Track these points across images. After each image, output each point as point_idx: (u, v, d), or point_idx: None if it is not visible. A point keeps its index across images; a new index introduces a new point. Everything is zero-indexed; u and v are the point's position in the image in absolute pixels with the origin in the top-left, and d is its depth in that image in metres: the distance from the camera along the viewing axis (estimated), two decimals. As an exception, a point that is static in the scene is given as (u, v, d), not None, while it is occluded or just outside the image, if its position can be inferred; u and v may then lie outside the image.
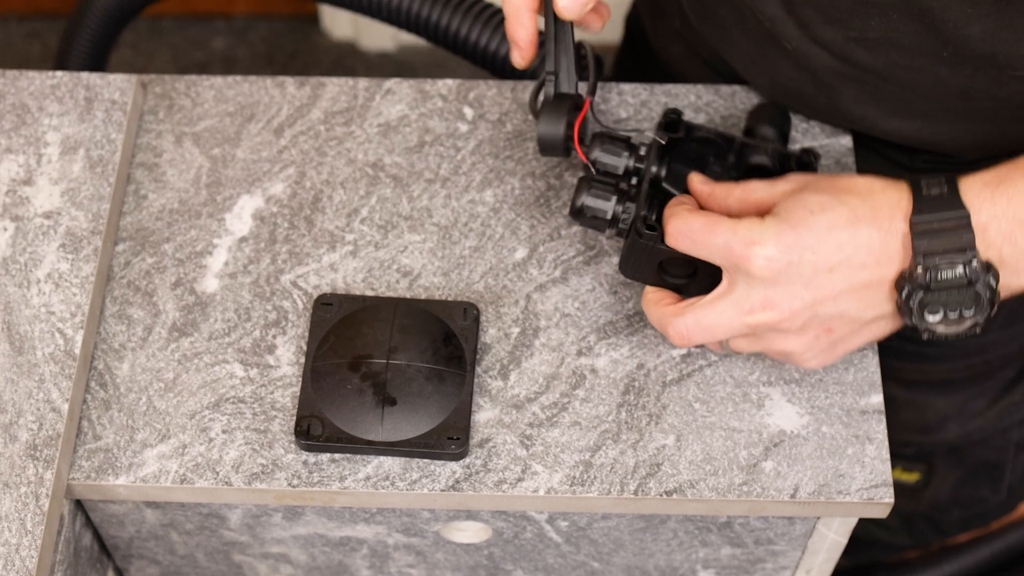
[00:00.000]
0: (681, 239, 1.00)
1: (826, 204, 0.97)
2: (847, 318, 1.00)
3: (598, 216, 1.05)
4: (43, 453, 1.04)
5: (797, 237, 0.96)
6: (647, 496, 1.06)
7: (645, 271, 1.06)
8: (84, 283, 1.11)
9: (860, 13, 1.05)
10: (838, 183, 0.99)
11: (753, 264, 0.97)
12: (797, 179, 1.02)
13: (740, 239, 0.97)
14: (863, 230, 0.97)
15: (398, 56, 2.58)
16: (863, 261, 0.97)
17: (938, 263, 0.96)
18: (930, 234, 0.96)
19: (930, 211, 0.96)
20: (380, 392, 1.06)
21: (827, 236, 0.96)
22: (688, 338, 1.02)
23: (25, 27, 2.61)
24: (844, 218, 0.97)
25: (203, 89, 1.23)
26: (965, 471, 1.55)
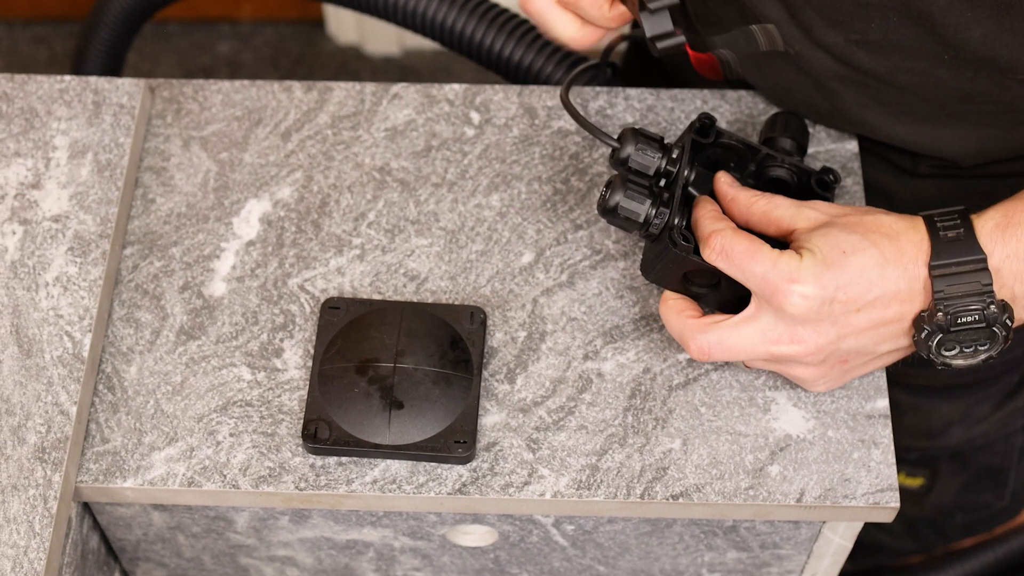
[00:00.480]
0: (719, 258, 1.01)
1: (858, 245, 0.99)
2: (864, 351, 1.03)
3: (631, 218, 1.05)
4: (51, 456, 1.04)
5: (832, 278, 0.98)
6: (653, 500, 1.06)
7: (669, 278, 1.06)
8: (92, 286, 1.12)
9: (861, 16, 1.05)
10: (866, 222, 1.01)
11: (789, 301, 0.99)
12: (823, 210, 1.03)
13: (779, 273, 0.99)
14: (890, 272, 0.99)
15: (403, 61, 2.58)
16: (887, 302, 0.99)
17: (957, 308, 0.98)
18: (948, 277, 0.98)
19: (948, 255, 0.99)
20: (387, 396, 1.06)
21: (859, 278, 0.99)
22: (708, 355, 1.03)
23: (31, 32, 2.62)
24: (875, 260, 0.99)
25: (211, 93, 1.24)
26: (969, 476, 1.55)
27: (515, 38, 1.29)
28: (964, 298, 0.98)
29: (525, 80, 1.29)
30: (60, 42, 2.59)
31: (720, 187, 1.07)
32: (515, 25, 1.30)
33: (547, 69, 1.29)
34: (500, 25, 1.30)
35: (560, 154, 1.21)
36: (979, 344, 1.00)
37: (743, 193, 1.06)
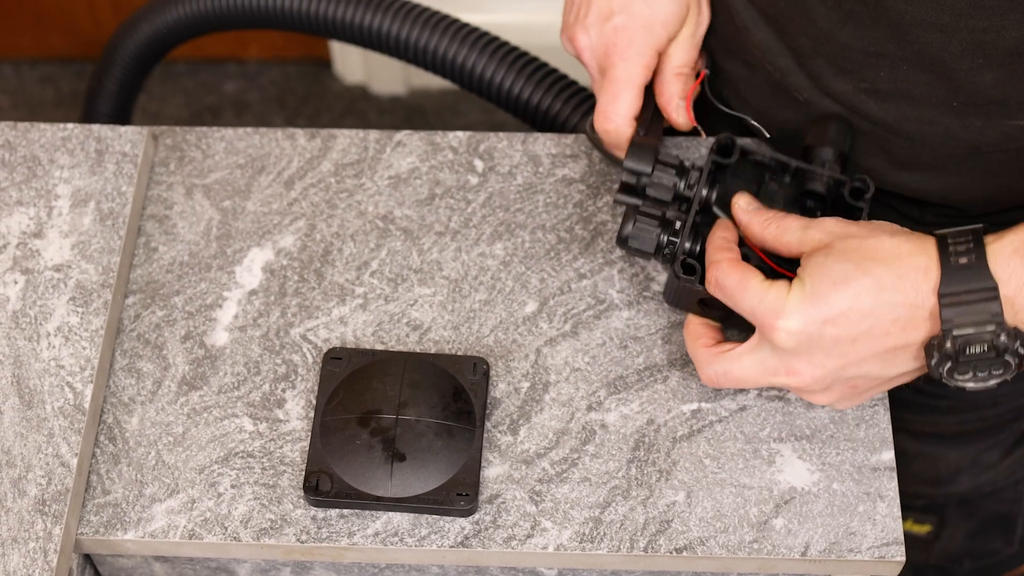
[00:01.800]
0: (716, 290, 1.02)
1: (850, 275, 0.97)
2: (871, 377, 1.01)
3: (642, 249, 1.08)
4: (52, 508, 1.04)
5: (819, 311, 0.97)
6: (657, 553, 1.05)
7: (685, 303, 1.09)
8: (94, 336, 1.11)
9: (870, 64, 1.05)
10: (864, 248, 0.98)
11: (775, 336, 0.98)
12: (829, 231, 1.01)
13: (765, 308, 0.99)
14: (887, 299, 0.96)
15: (410, 100, 2.58)
16: (886, 330, 0.97)
17: (966, 338, 0.95)
18: (958, 305, 0.95)
19: (958, 282, 0.95)
20: (389, 448, 1.06)
21: (850, 308, 0.97)
22: (716, 384, 1.05)
23: (38, 71, 2.62)
24: (868, 289, 0.96)
25: (214, 141, 1.24)
26: (977, 523, 1.54)
27: (524, 76, 1.30)
28: (974, 329, 0.95)
29: (535, 120, 1.29)
30: (67, 81, 2.60)
31: (737, 212, 1.07)
32: (525, 63, 1.30)
33: (556, 107, 1.29)
34: (510, 63, 1.30)
35: (564, 202, 1.20)
36: (993, 369, 0.97)
37: (756, 218, 1.05)
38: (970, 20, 0.98)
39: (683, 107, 1.13)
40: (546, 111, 1.29)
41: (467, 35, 1.32)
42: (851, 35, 1.03)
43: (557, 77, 1.31)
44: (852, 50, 1.04)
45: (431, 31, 1.33)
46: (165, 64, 2.58)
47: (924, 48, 1.01)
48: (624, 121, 1.13)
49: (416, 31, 1.33)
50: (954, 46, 0.99)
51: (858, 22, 1.02)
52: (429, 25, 1.33)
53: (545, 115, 1.29)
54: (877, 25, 1.01)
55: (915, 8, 0.99)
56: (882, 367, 1.00)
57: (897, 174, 1.15)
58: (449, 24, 1.33)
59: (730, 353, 1.04)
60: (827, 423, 1.10)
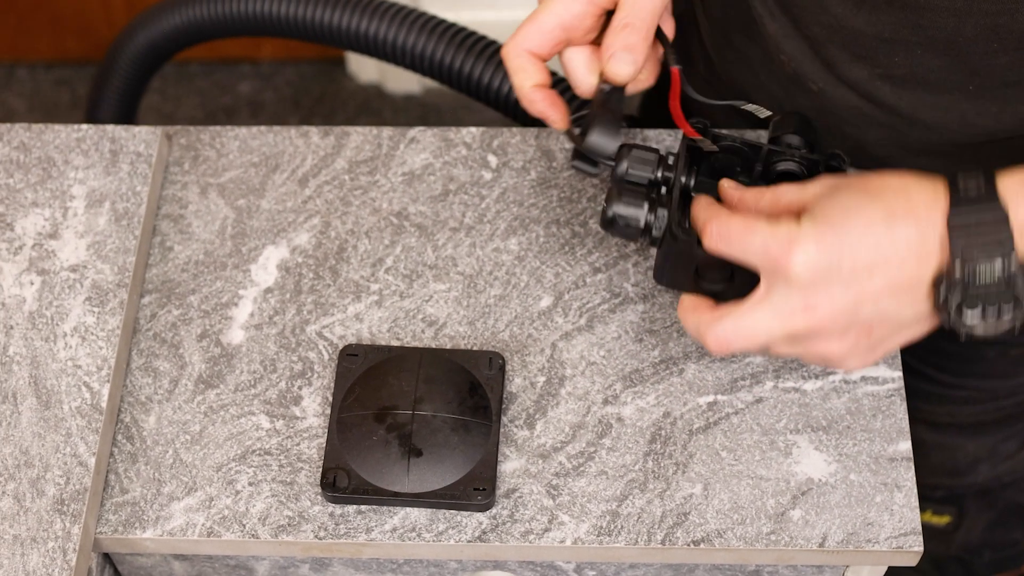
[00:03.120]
0: (718, 240, 0.97)
1: (862, 202, 0.94)
2: (887, 318, 0.97)
3: (630, 224, 1.03)
4: (70, 508, 1.04)
5: (836, 237, 0.93)
6: (674, 546, 1.05)
7: (681, 277, 1.04)
8: (110, 336, 1.11)
9: (885, 50, 1.05)
10: (871, 182, 0.96)
11: (792, 266, 0.93)
12: (828, 181, 0.99)
13: (778, 240, 0.94)
14: (900, 227, 0.93)
15: (424, 98, 2.58)
16: (901, 259, 0.93)
17: (976, 262, 0.92)
18: (967, 232, 0.92)
19: (967, 212, 0.93)
20: (406, 443, 1.06)
21: (865, 235, 0.93)
22: (727, 345, 0.98)
23: (53, 74, 2.63)
24: (881, 215, 0.93)
25: (228, 140, 1.24)
26: (996, 513, 1.54)
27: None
28: (982, 252, 0.92)
29: (537, 123, 1.29)
30: (82, 84, 2.60)
31: (725, 192, 1.03)
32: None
33: None
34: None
35: (578, 196, 1.20)
36: (1003, 303, 0.93)
37: (749, 192, 1.02)
38: (983, 4, 0.98)
39: (624, 59, 1.06)
40: None
41: (463, 40, 1.32)
42: (865, 21, 1.03)
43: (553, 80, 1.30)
44: (866, 36, 1.04)
45: (427, 36, 1.33)
46: (179, 65, 2.59)
47: (938, 32, 1.01)
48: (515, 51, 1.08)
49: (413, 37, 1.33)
50: (968, 30, 0.99)
51: (872, 8, 1.02)
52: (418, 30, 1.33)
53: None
54: (891, 10, 1.01)
55: None
56: (898, 306, 0.95)
57: (913, 162, 1.15)
58: (445, 29, 1.33)
59: (737, 308, 0.97)
60: (843, 414, 1.10)
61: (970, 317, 0.94)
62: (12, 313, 1.12)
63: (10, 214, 1.17)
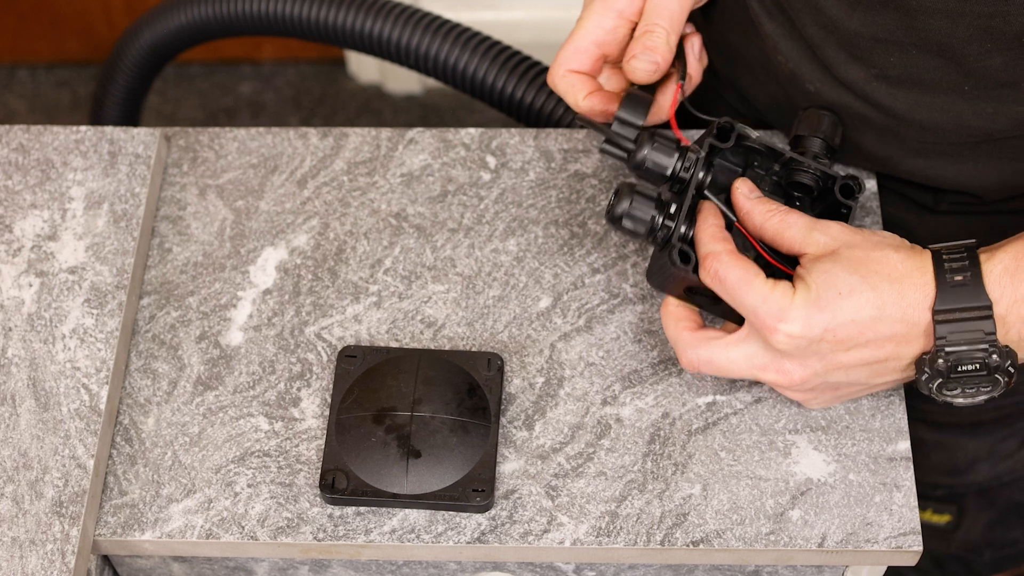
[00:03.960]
0: (713, 282, 1.00)
1: (855, 288, 0.97)
2: (856, 383, 1.03)
3: (636, 230, 1.04)
4: (69, 510, 1.04)
5: (822, 320, 0.97)
6: (674, 546, 1.05)
7: (671, 288, 1.06)
8: (109, 338, 1.11)
9: (880, 51, 1.05)
10: (871, 261, 0.99)
11: (775, 339, 0.98)
12: (834, 236, 1.01)
13: (768, 308, 0.98)
14: (887, 316, 0.98)
15: (424, 99, 2.58)
16: (880, 343, 0.99)
17: (959, 355, 0.97)
18: (952, 323, 0.97)
19: (953, 301, 0.97)
20: (405, 445, 1.06)
21: (851, 321, 0.97)
22: (697, 369, 1.04)
23: (54, 75, 2.63)
24: (871, 304, 0.97)
25: (226, 141, 1.24)
26: (996, 512, 1.54)
27: (526, 81, 1.30)
28: (966, 347, 0.97)
29: (536, 122, 1.29)
30: (83, 85, 2.60)
31: (737, 199, 1.05)
32: (528, 67, 1.30)
33: (559, 111, 1.29)
34: (512, 68, 1.30)
35: (577, 197, 1.20)
36: (981, 386, 0.99)
37: (758, 207, 1.04)
38: (976, 5, 0.98)
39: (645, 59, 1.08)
40: (549, 114, 1.29)
41: (467, 40, 1.32)
42: (860, 22, 1.04)
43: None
44: (862, 37, 1.04)
45: (431, 36, 1.33)
46: (180, 66, 2.59)
47: (932, 33, 1.01)
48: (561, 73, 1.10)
49: (416, 36, 1.33)
50: (961, 31, 0.99)
51: (866, 8, 1.03)
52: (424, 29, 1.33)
53: (548, 118, 1.29)
54: (885, 11, 1.02)
55: None
56: (869, 375, 1.01)
57: (911, 162, 1.15)
58: (450, 29, 1.33)
59: (717, 342, 1.03)
60: (843, 414, 1.10)
61: (948, 396, 1.01)
62: (11, 315, 1.12)
63: (9, 216, 1.17)
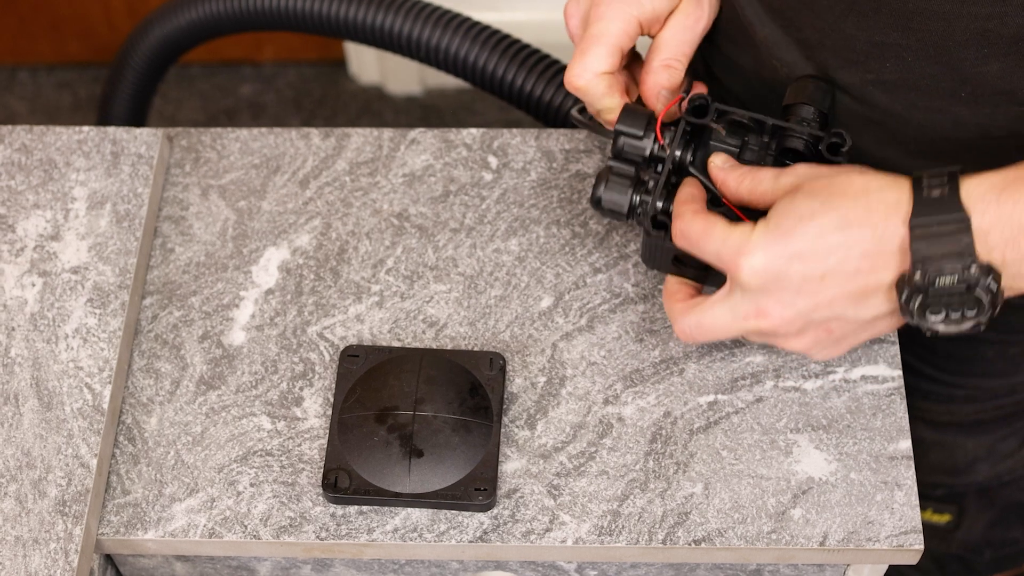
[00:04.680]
0: (682, 240, 1.00)
1: (816, 210, 0.95)
2: (845, 320, 0.98)
3: (614, 210, 1.05)
4: (72, 509, 1.04)
5: (785, 246, 0.95)
6: (676, 545, 1.05)
7: (661, 263, 1.06)
8: (112, 337, 1.12)
9: (876, 55, 1.05)
10: (833, 185, 0.97)
11: (742, 274, 0.96)
12: (799, 174, 1.00)
13: (729, 248, 0.97)
14: (854, 233, 0.94)
15: (425, 100, 2.58)
16: (856, 267, 0.95)
17: (936, 268, 0.93)
18: (928, 238, 0.93)
19: (929, 214, 0.93)
20: (407, 444, 1.06)
21: (816, 243, 0.95)
22: (691, 337, 1.02)
23: (56, 77, 2.63)
24: (834, 223, 0.94)
25: (229, 141, 1.24)
26: (996, 512, 1.54)
27: (536, 73, 1.30)
28: (943, 259, 0.93)
29: (544, 114, 1.29)
30: (84, 87, 2.60)
31: (712, 171, 1.05)
32: (537, 60, 1.31)
33: (567, 103, 1.29)
34: (522, 60, 1.30)
35: (578, 197, 1.20)
36: (966, 309, 0.95)
37: (732, 174, 1.04)
38: (972, 7, 0.98)
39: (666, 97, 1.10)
40: (558, 107, 1.29)
41: (478, 33, 1.33)
42: (856, 25, 1.03)
43: (562, 69, 1.31)
44: (858, 40, 1.04)
45: (442, 30, 1.33)
46: (180, 67, 2.59)
47: (927, 36, 1.01)
48: (593, 75, 1.09)
49: (421, 29, 1.34)
50: (957, 34, 0.99)
51: (861, 12, 1.02)
52: (432, 22, 1.34)
53: (557, 111, 1.30)
54: (880, 15, 1.01)
55: None
56: (855, 308, 0.97)
57: (911, 162, 1.15)
58: (461, 22, 1.34)
59: (702, 304, 1.01)
60: (844, 413, 1.10)
61: (932, 320, 0.95)
62: (14, 315, 1.13)
63: (12, 216, 1.18)
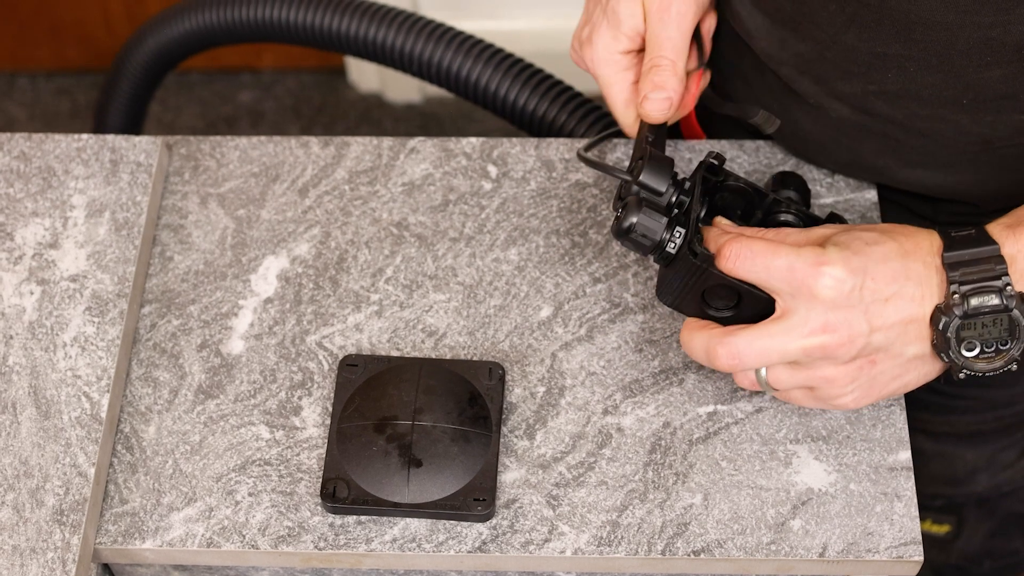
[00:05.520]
0: (738, 260, 0.99)
1: (878, 239, 0.98)
2: (890, 353, 1.00)
3: (647, 236, 1.01)
4: (70, 518, 1.04)
5: (860, 262, 0.97)
6: (675, 556, 1.05)
7: (687, 299, 1.03)
8: (110, 346, 1.12)
9: (878, 66, 1.05)
10: (881, 226, 1.01)
11: (820, 284, 0.96)
12: (833, 227, 1.03)
13: (804, 260, 0.97)
14: (911, 263, 0.98)
15: (424, 108, 2.59)
16: (912, 294, 0.98)
17: (973, 289, 0.97)
18: (963, 265, 0.97)
19: (960, 247, 0.98)
20: (406, 454, 1.06)
21: (884, 266, 0.97)
22: (739, 359, 0.99)
23: (54, 83, 2.63)
24: (895, 251, 0.98)
25: (228, 150, 1.24)
26: (996, 523, 1.54)
27: (530, 88, 1.30)
28: (980, 282, 0.97)
29: (540, 131, 1.29)
30: (83, 93, 2.60)
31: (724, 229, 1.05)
32: (531, 75, 1.31)
33: (562, 119, 1.29)
34: (515, 75, 1.30)
35: (578, 207, 1.20)
36: (1000, 342, 0.98)
37: (748, 230, 1.04)
38: (975, 16, 0.98)
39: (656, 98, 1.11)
40: (551, 122, 1.29)
41: (471, 47, 1.33)
42: (857, 36, 1.03)
43: (560, 88, 1.31)
44: (859, 52, 1.04)
45: (435, 43, 1.33)
46: (180, 74, 2.59)
47: (930, 46, 1.01)
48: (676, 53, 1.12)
49: (414, 42, 1.34)
50: (960, 43, 0.99)
51: (863, 23, 1.02)
52: (424, 35, 1.33)
53: (551, 126, 1.29)
54: (882, 26, 1.01)
55: (918, 7, 0.99)
56: (903, 340, 0.99)
57: (910, 172, 1.15)
58: (454, 36, 1.33)
59: (750, 328, 1.00)
60: (843, 424, 1.10)
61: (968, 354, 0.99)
62: (12, 323, 1.13)
63: (10, 224, 1.18)
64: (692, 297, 1.03)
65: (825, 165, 1.21)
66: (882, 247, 0.98)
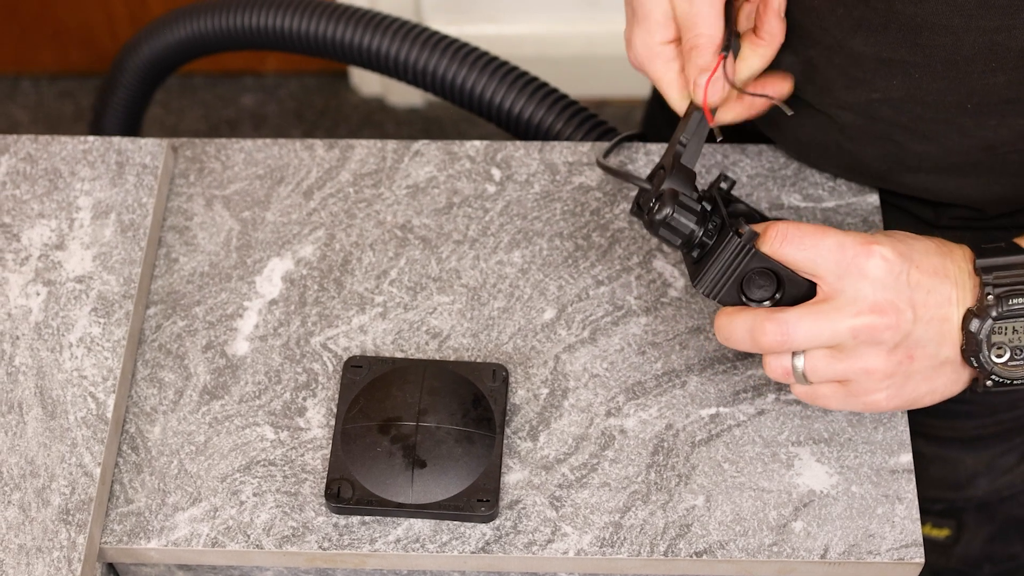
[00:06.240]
0: (785, 241, 0.99)
1: (918, 236, 1.01)
2: (926, 352, 1.00)
3: (680, 230, 1.02)
4: (75, 517, 1.05)
5: (906, 249, 0.99)
6: (677, 557, 1.06)
7: (727, 284, 1.02)
8: (116, 347, 1.12)
9: (883, 74, 1.05)
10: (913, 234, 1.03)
11: (871, 262, 0.98)
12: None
13: (855, 239, 0.98)
14: (949, 263, 1.01)
15: (427, 112, 2.59)
16: (948, 294, 1.00)
17: (1009, 292, 0.99)
18: (996, 269, 1.00)
19: (992, 255, 1.01)
20: (410, 454, 1.06)
21: (927, 259, 1.00)
22: (788, 336, 0.99)
23: (57, 86, 2.63)
24: (936, 248, 1.01)
25: (233, 152, 1.24)
26: (996, 527, 1.54)
27: (525, 95, 1.30)
28: (1014, 285, 0.99)
29: (535, 138, 1.30)
30: (86, 96, 2.61)
31: None
32: (526, 82, 1.31)
33: (558, 126, 1.29)
34: (510, 83, 1.30)
35: (581, 210, 1.21)
36: None
37: None
38: (981, 21, 0.98)
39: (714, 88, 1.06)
40: (547, 129, 1.29)
41: (466, 55, 1.33)
42: (863, 42, 1.04)
43: (556, 96, 1.31)
44: (865, 58, 1.04)
45: (429, 51, 1.33)
46: (183, 77, 2.59)
47: (935, 52, 1.01)
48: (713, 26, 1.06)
49: (409, 50, 1.34)
50: (966, 48, 1.00)
51: (869, 28, 1.03)
52: (420, 43, 1.34)
53: (547, 133, 1.29)
54: (888, 31, 1.02)
55: (925, 11, 0.99)
56: (939, 338, 1.00)
57: (912, 176, 1.15)
58: (448, 44, 1.34)
59: (800, 307, 0.99)
60: (845, 426, 1.11)
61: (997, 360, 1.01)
62: (18, 323, 1.13)
63: (16, 225, 1.18)
64: (733, 282, 1.02)
65: (827, 169, 1.22)
66: (923, 243, 1.00)
